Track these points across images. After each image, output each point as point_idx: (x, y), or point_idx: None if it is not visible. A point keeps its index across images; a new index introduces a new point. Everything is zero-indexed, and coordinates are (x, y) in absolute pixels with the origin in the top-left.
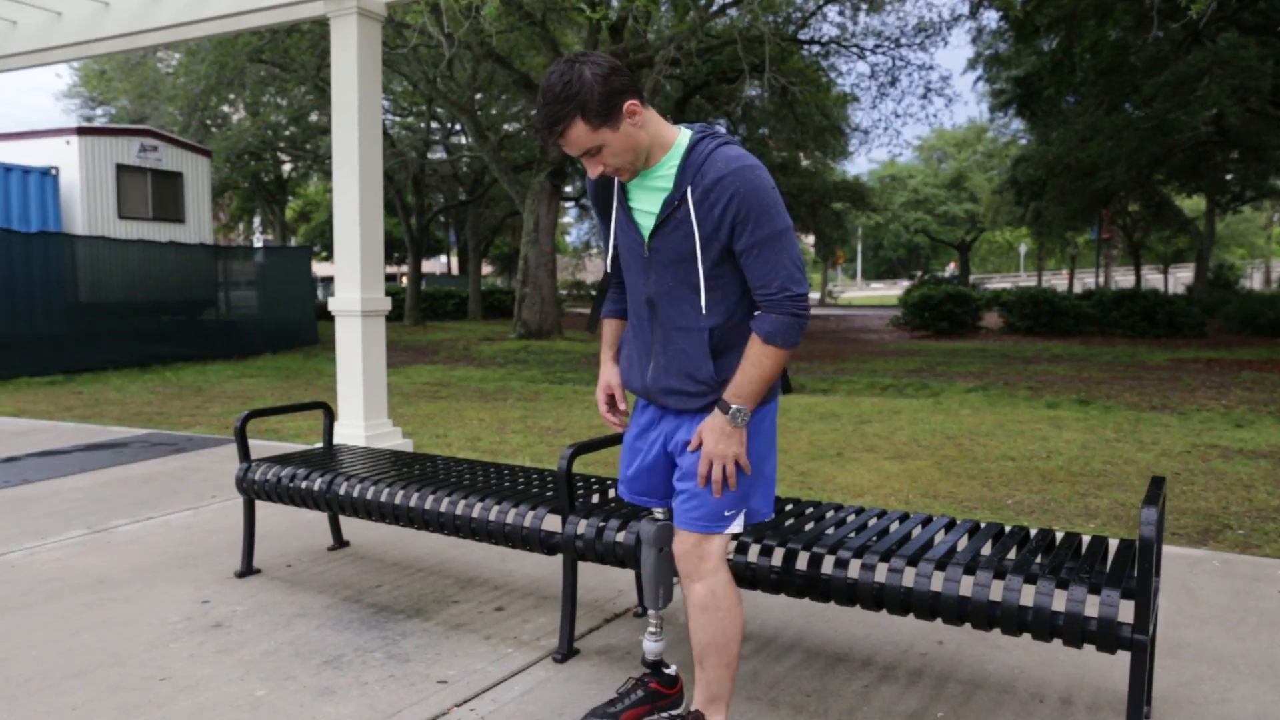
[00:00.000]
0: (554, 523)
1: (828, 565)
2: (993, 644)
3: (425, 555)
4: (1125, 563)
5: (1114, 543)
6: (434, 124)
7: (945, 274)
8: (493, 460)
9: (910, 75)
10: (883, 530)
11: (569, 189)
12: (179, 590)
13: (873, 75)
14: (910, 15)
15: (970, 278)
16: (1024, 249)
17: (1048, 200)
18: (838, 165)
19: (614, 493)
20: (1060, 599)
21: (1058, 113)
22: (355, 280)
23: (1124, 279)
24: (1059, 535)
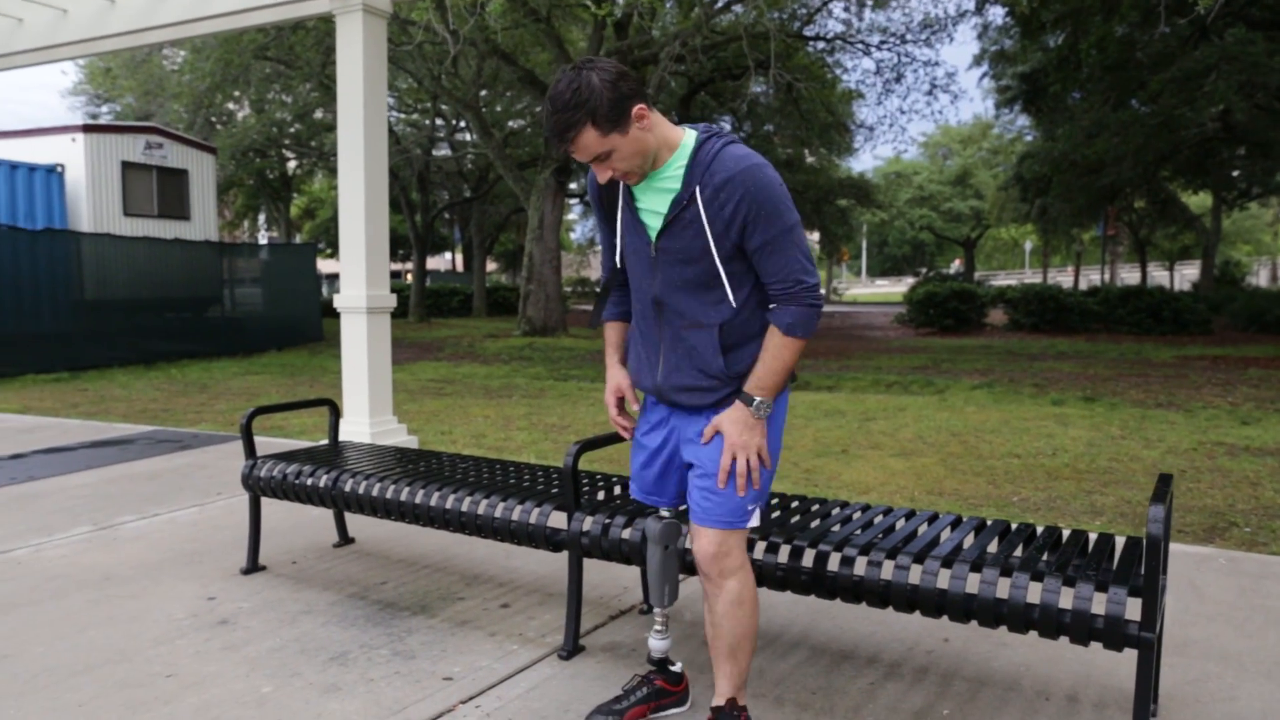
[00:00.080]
0: (559, 520)
1: (833, 562)
2: (998, 641)
3: (430, 552)
4: (1132, 560)
5: (1120, 540)
6: (439, 121)
7: (950, 271)
8: (498, 457)
9: (915, 71)
10: (889, 527)
11: (573, 185)
12: (185, 587)
13: (878, 71)
14: (916, 11)
15: (975, 275)
16: (1029, 246)
17: (1053, 197)
18: (843, 162)
19: (619, 490)
20: (1067, 596)
21: (1064, 109)
22: (360, 277)
23: (1130, 276)
24: (1065, 533)
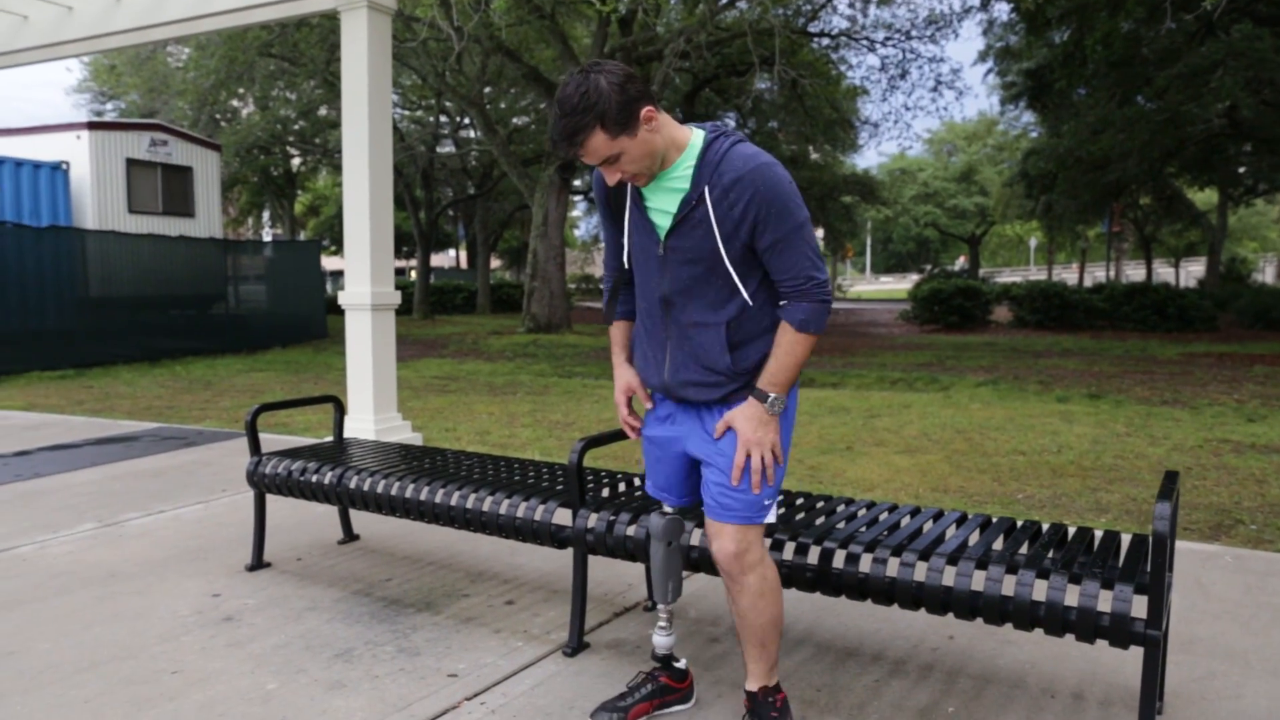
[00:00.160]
0: (564, 517)
1: (839, 559)
2: (1003, 639)
3: (435, 549)
4: (1138, 558)
5: (1126, 538)
6: (443, 118)
7: (955, 268)
8: (502, 454)
9: (920, 68)
10: (894, 525)
11: (578, 182)
12: (190, 584)
13: (883, 68)
14: (921, 7)
15: (980, 271)
16: (1034, 243)
17: (1058, 193)
18: (847, 158)
19: (624, 486)
20: (1073, 594)
21: (1069, 105)
22: (365, 274)
23: (1135, 273)
24: (1071, 530)
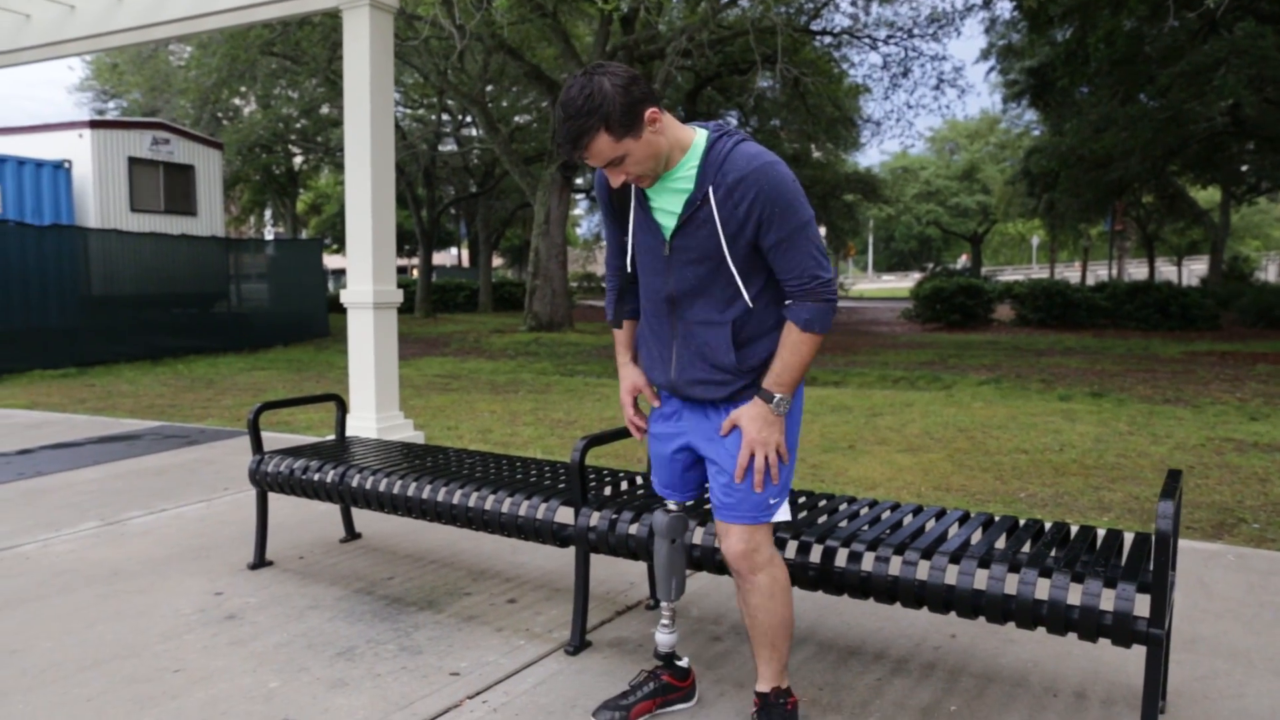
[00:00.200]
0: (566, 515)
1: (841, 558)
2: (1006, 638)
3: (437, 547)
4: (1141, 556)
5: (1129, 536)
6: (445, 116)
7: (957, 266)
8: (504, 452)
9: (923, 66)
10: (896, 523)
11: (580, 181)
12: (192, 582)
13: (885, 66)
14: (923, 5)
15: (982, 270)
16: (1036, 241)
17: (1061, 192)
18: (849, 157)
19: (626, 485)
20: (1075, 593)
21: (1071, 103)
22: (367, 272)
23: (1137, 271)
24: (1073, 529)
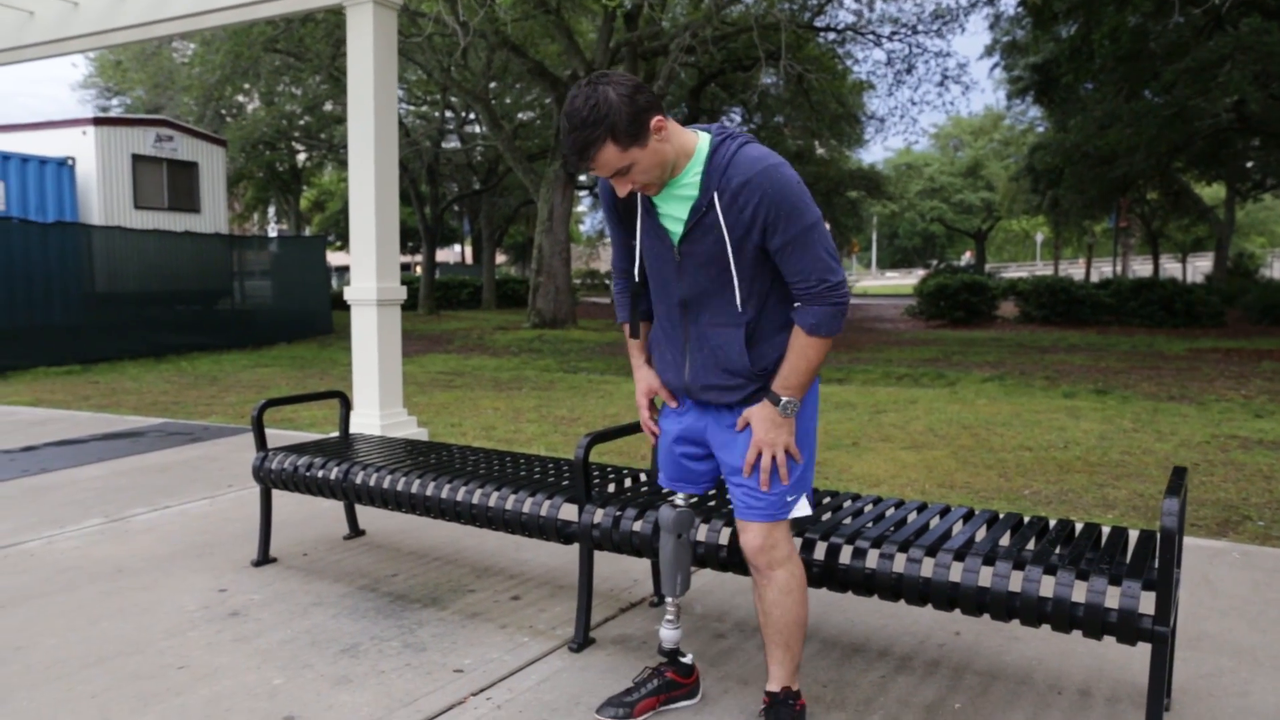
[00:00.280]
0: (570, 512)
1: (845, 555)
2: (1010, 635)
3: (441, 544)
4: (1146, 554)
5: (1134, 534)
6: (448, 113)
7: (961, 263)
8: (508, 449)
9: (927, 62)
10: (900, 520)
11: (583, 178)
12: (196, 579)
13: (889, 62)
14: (927, 1)
15: (986, 267)
16: (1040, 238)
17: (1065, 188)
18: (853, 153)
19: (630, 482)
20: (1080, 590)
21: (1076, 100)
22: (371, 269)
23: (1142, 268)
24: (1078, 526)
